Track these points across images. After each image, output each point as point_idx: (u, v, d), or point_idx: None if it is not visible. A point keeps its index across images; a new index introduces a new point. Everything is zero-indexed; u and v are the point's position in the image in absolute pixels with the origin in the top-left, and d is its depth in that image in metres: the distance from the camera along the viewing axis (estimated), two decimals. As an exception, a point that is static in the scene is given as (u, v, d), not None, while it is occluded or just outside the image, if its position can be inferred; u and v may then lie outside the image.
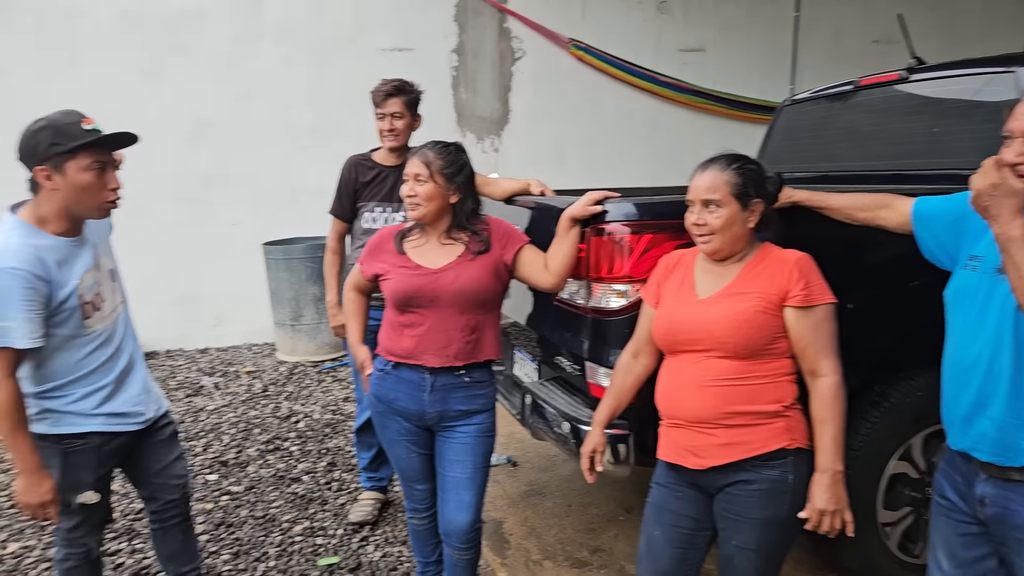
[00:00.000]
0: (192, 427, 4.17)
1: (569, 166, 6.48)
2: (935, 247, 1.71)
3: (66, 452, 1.94)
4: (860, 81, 3.39)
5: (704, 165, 1.79)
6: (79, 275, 1.89)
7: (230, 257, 5.77)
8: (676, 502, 1.84)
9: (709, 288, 1.78)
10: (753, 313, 1.68)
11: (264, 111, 5.80)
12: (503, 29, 6.34)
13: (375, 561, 2.79)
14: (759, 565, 1.76)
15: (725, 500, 1.75)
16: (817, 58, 7.11)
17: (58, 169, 1.81)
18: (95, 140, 1.82)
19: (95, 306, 1.93)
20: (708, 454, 1.72)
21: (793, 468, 1.69)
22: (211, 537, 2.97)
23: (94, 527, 2.08)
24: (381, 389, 2.19)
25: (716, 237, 1.75)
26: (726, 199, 1.72)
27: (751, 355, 1.69)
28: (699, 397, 1.72)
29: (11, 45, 5.24)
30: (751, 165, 1.78)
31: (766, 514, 1.70)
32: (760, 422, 1.69)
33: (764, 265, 1.75)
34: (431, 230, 2.15)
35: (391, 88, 2.83)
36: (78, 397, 1.92)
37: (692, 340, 1.75)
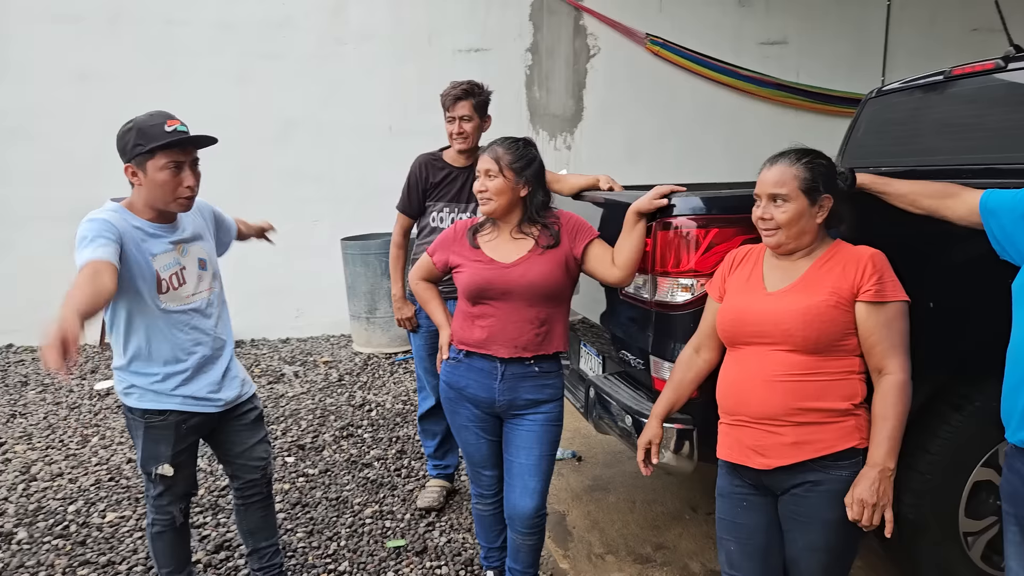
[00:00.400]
0: (273, 412, 4.38)
1: (642, 163, 6.42)
2: (1003, 240, 1.65)
3: (147, 426, 2.12)
4: (952, 71, 3.22)
5: (773, 159, 1.77)
6: (156, 253, 2.05)
7: (311, 252, 6.01)
8: (744, 514, 1.80)
9: (778, 282, 1.75)
10: (825, 307, 1.64)
11: (345, 112, 6.02)
12: (578, 26, 6.34)
13: (440, 546, 2.87)
14: (827, 566, 1.72)
15: (792, 502, 1.71)
16: (910, 48, 6.79)
17: (141, 167, 1.99)
18: (171, 142, 1.97)
19: (171, 285, 2.08)
20: (775, 454, 1.68)
21: (864, 468, 1.65)
22: (288, 515, 3.12)
23: (177, 497, 2.23)
24: (452, 376, 2.25)
25: (781, 232, 1.72)
26: (794, 194, 1.70)
27: (820, 350, 1.65)
28: (766, 392, 1.68)
29: (118, 54, 5.64)
30: (821, 160, 1.74)
31: (836, 515, 1.65)
32: (830, 420, 1.65)
33: (835, 260, 1.71)
34: (503, 224, 2.20)
35: (460, 92, 2.87)
36: (159, 378, 2.09)
37: (759, 333, 1.71)
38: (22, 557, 2.81)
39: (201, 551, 2.83)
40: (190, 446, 2.20)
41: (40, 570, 2.72)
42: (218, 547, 2.86)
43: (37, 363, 5.48)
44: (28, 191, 5.67)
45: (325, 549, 2.87)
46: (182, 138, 1.99)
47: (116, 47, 5.64)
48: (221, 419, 2.24)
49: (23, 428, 4.18)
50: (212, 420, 2.20)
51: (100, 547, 2.88)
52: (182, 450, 2.17)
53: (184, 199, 2.06)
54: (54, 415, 4.39)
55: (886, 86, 3.76)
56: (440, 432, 3.16)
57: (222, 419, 2.24)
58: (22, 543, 2.91)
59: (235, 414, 2.26)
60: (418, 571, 2.71)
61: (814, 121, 6.74)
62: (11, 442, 3.97)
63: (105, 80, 5.53)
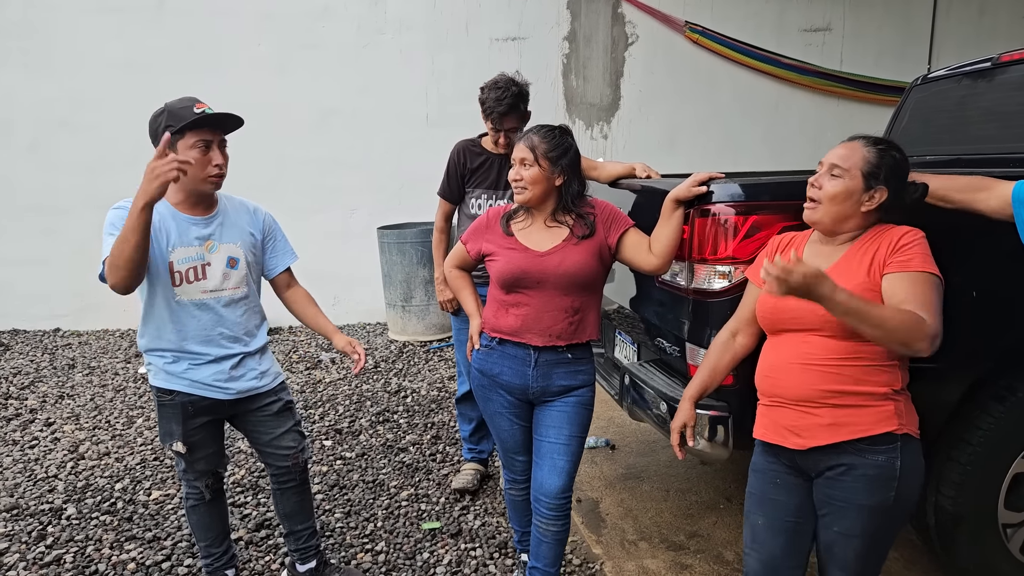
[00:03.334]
0: (311, 397, 4.47)
1: (681, 153, 6.36)
2: None
3: (159, 403, 2.22)
4: (1000, 57, 3.13)
5: (852, 137, 1.75)
6: (176, 245, 2.11)
7: (348, 240, 6.10)
8: (776, 490, 1.79)
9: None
10: (861, 291, 1.60)
11: (382, 102, 6.08)
12: (616, 14, 6.29)
13: (474, 529, 2.90)
14: (862, 553, 1.69)
15: (827, 485, 1.69)
16: (959, 36, 6.61)
17: (172, 148, 2.03)
18: (199, 120, 2.03)
19: (187, 279, 2.14)
20: (811, 434, 1.67)
21: (900, 454, 1.62)
22: (326, 497, 3.19)
23: (199, 474, 2.31)
24: (486, 364, 2.26)
25: (822, 207, 1.70)
26: (853, 171, 1.67)
27: (855, 334, 1.61)
28: (803, 375, 1.67)
29: (161, 44, 5.77)
30: (895, 154, 1.70)
31: (872, 501, 1.63)
32: (868, 403, 1.62)
33: (873, 242, 1.68)
34: (537, 213, 2.19)
35: (505, 107, 2.76)
36: (170, 360, 2.18)
37: (797, 319, 1.70)
38: (71, 532, 2.92)
39: (243, 529, 2.91)
40: (205, 427, 2.25)
41: (88, 544, 2.83)
42: (259, 525, 2.94)
43: (84, 347, 5.67)
44: (75, 179, 5.85)
45: (362, 529, 2.93)
46: (210, 114, 2.05)
47: (160, 37, 5.77)
48: (241, 407, 2.28)
49: (71, 409, 4.33)
50: (223, 406, 2.23)
51: (146, 523, 2.98)
52: (194, 430, 2.22)
53: (214, 177, 2.11)
54: (100, 397, 4.54)
55: (932, 73, 3.66)
56: (476, 417, 3.19)
57: (242, 408, 2.28)
58: (71, 518, 3.03)
59: (257, 404, 2.29)
60: (453, 552, 2.74)
61: (858, 110, 6.61)
62: (60, 422, 4.12)
63: (149, 70, 5.67)
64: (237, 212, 2.28)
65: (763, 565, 1.83)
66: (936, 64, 6.48)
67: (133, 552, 2.76)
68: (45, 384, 4.79)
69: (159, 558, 2.71)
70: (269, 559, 2.72)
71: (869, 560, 1.71)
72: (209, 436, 2.29)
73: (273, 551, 2.77)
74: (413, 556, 2.73)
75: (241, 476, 3.38)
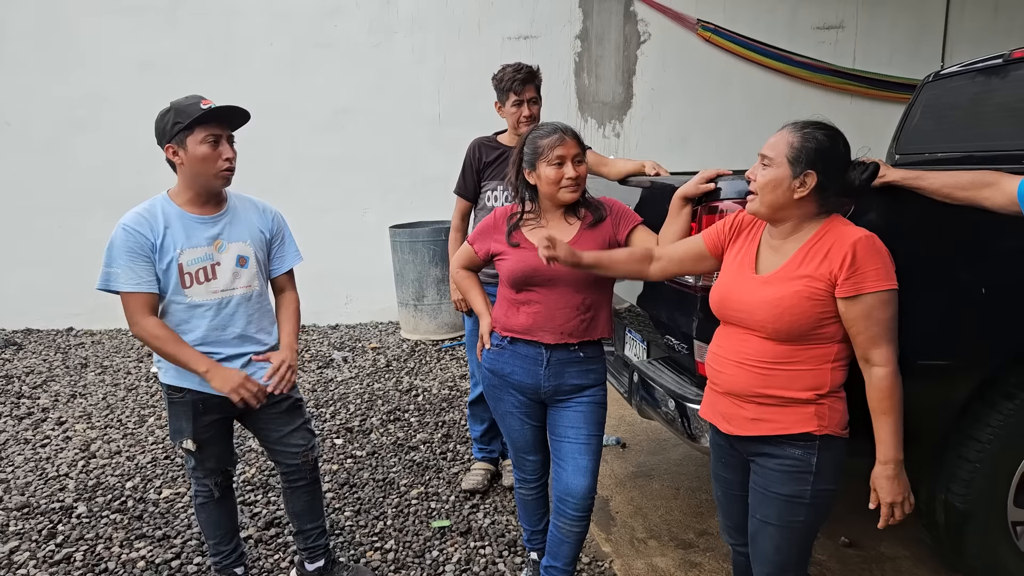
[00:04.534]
0: (322, 396, 4.48)
1: (692, 151, 6.34)
2: None
3: (170, 401, 2.23)
4: (1012, 54, 3.11)
5: (787, 123, 1.70)
6: (184, 246, 2.12)
7: (360, 239, 6.12)
8: (723, 467, 1.91)
9: (768, 265, 1.73)
10: (798, 299, 1.61)
11: (395, 101, 6.09)
12: (628, 12, 6.27)
13: (484, 527, 2.90)
14: (780, 544, 1.73)
15: (754, 471, 1.77)
16: (973, 33, 6.54)
17: (181, 145, 2.06)
18: (207, 114, 2.04)
19: (197, 280, 2.15)
20: (737, 424, 1.75)
21: (818, 451, 1.66)
22: (336, 495, 3.20)
23: (208, 471, 2.31)
24: (496, 363, 2.24)
25: (756, 198, 1.69)
26: (779, 160, 1.64)
27: (794, 339, 1.64)
28: (736, 372, 1.73)
29: (177, 44, 5.82)
30: (820, 134, 1.63)
31: (787, 491, 1.68)
32: (790, 405, 1.66)
33: (823, 242, 1.64)
34: (548, 211, 2.18)
35: (526, 74, 2.85)
36: None
37: (739, 319, 1.74)
38: (82, 530, 2.94)
39: (252, 527, 2.92)
40: (215, 425, 2.26)
41: (99, 543, 2.85)
42: (268, 524, 2.95)
43: (97, 346, 5.72)
44: (94, 179, 5.91)
45: (372, 528, 2.93)
46: (217, 108, 2.06)
47: (174, 38, 5.82)
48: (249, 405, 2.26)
49: (83, 408, 4.37)
50: (233, 405, 2.20)
51: (156, 521, 3.00)
52: (204, 427, 2.23)
53: (225, 172, 2.12)
54: (112, 396, 4.58)
55: (944, 70, 3.64)
56: (488, 419, 3.19)
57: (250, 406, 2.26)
58: (82, 517, 3.05)
59: (267, 402, 2.27)
60: (462, 551, 2.74)
61: (870, 107, 6.55)
62: (72, 420, 4.16)
63: (165, 70, 5.72)
64: (246, 210, 2.28)
65: (733, 528, 1.97)
66: (950, 62, 6.40)
67: (143, 550, 2.78)
68: (57, 383, 4.84)
69: (168, 556, 2.73)
70: (278, 557, 2.73)
71: (789, 554, 1.74)
72: (219, 434, 2.30)
73: (282, 549, 2.78)
74: (422, 554, 2.73)
75: (252, 474, 3.40)
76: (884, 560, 2.60)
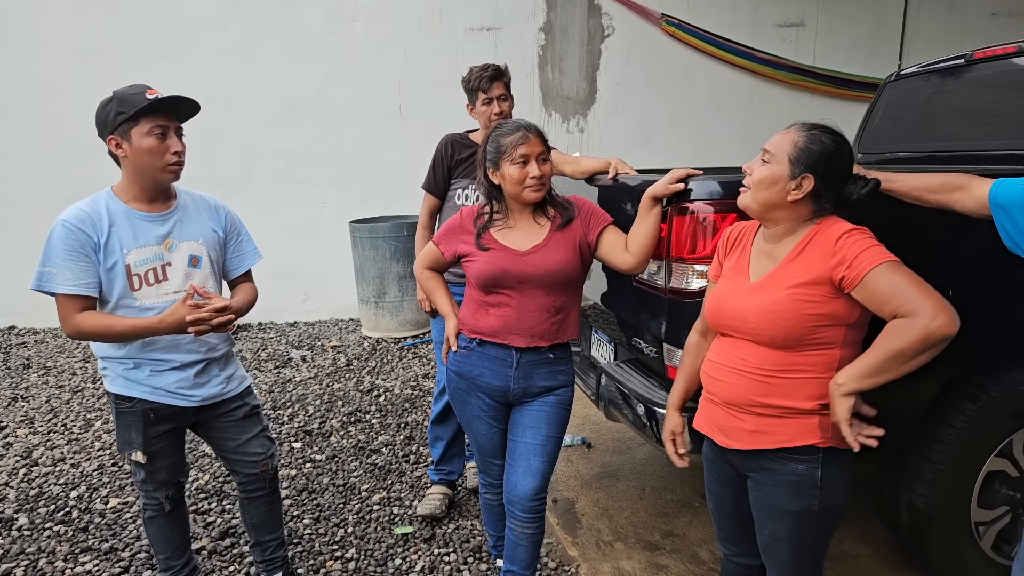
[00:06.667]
0: (280, 397, 4.35)
1: (656, 146, 6.34)
2: (1016, 236, 1.55)
3: (118, 411, 2.10)
4: (973, 55, 3.13)
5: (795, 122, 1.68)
6: (131, 246, 1.99)
7: (319, 235, 5.97)
8: (716, 484, 1.84)
9: (760, 270, 1.68)
10: (790, 303, 1.56)
11: (354, 91, 5.94)
12: (593, 6, 6.23)
13: (448, 533, 2.83)
14: (795, 556, 1.69)
15: (754, 487, 1.70)
16: (929, 33, 6.68)
17: (125, 136, 1.93)
18: (153, 105, 1.91)
19: (146, 281, 2.02)
20: (735, 437, 1.68)
21: (822, 465, 1.60)
22: (294, 502, 3.09)
23: (159, 484, 2.19)
24: (464, 366, 2.17)
25: (749, 193, 1.65)
26: (780, 156, 1.60)
27: (791, 346, 1.58)
28: (734, 381, 1.66)
29: (120, 30, 5.57)
30: (828, 139, 1.60)
31: (794, 507, 1.62)
32: (791, 416, 1.60)
33: (813, 243, 1.60)
34: (516, 211, 2.12)
35: (493, 72, 2.81)
36: (131, 366, 2.05)
37: (733, 327, 1.68)
38: (22, 544, 2.78)
39: (206, 537, 2.80)
40: (167, 435, 2.14)
41: (41, 557, 2.70)
42: (223, 534, 2.83)
43: (40, 345, 5.47)
44: (29, 170, 5.63)
45: (332, 536, 2.83)
46: (164, 98, 1.94)
47: (119, 21, 5.56)
48: (205, 414, 2.17)
49: (25, 412, 4.16)
50: (187, 414, 2.12)
51: (102, 533, 2.86)
52: (155, 438, 2.11)
53: (172, 166, 1.99)
54: (57, 399, 4.37)
55: (905, 70, 3.66)
56: (449, 438, 3.01)
57: (206, 414, 2.17)
58: (23, 529, 2.89)
59: (222, 410, 2.18)
60: (426, 558, 2.67)
61: (830, 105, 6.64)
62: (12, 426, 3.95)
63: (108, 56, 5.46)
64: (198, 208, 2.16)
65: (728, 540, 1.91)
66: (907, 60, 6.53)
67: (88, 564, 2.63)
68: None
69: (116, 571, 2.59)
70: (233, 569, 2.62)
71: (803, 564, 1.70)
72: (171, 444, 2.18)
73: (238, 560, 2.67)
74: (385, 563, 2.65)
75: (206, 481, 3.27)
76: (846, 558, 2.61)
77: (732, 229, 1.85)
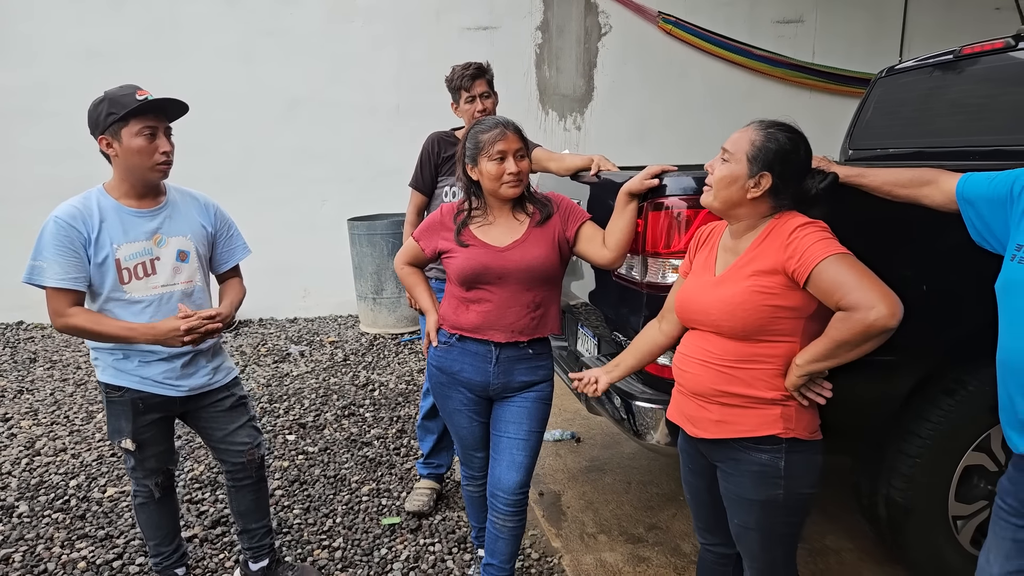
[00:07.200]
0: (277, 391, 4.41)
1: (653, 144, 6.36)
2: (983, 230, 1.57)
3: (108, 400, 2.16)
4: (962, 50, 3.14)
5: (753, 120, 1.69)
6: (121, 241, 2.05)
7: (318, 232, 6.03)
8: (690, 473, 1.89)
9: (724, 266, 1.72)
10: (747, 294, 1.59)
11: (351, 91, 6.00)
12: (589, 4, 6.25)
13: (435, 523, 2.88)
14: (765, 545, 1.73)
15: (723, 477, 1.74)
16: (930, 28, 6.65)
17: (116, 137, 2.00)
18: (143, 106, 1.98)
19: (136, 275, 2.08)
20: (701, 427, 1.73)
21: (785, 455, 1.62)
22: (285, 492, 3.15)
23: (149, 472, 2.26)
24: (444, 361, 2.22)
25: (711, 192, 1.68)
26: (739, 155, 1.62)
27: (750, 336, 1.61)
28: (700, 371, 1.70)
29: (122, 31, 5.65)
30: (784, 136, 1.61)
31: (759, 496, 1.65)
32: (754, 406, 1.63)
33: (771, 237, 1.62)
34: (496, 208, 2.15)
35: (474, 70, 2.85)
36: (121, 356, 2.12)
37: (697, 320, 1.73)
38: (22, 530, 2.86)
39: (198, 526, 2.86)
40: (155, 424, 2.20)
41: (39, 543, 2.77)
42: (215, 522, 2.90)
43: (47, 339, 5.56)
44: (36, 169, 5.72)
45: (321, 526, 2.89)
46: (154, 100, 2.00)
47: (121, 24, 5.64)
48: (192, 404, 2.23)
49: (30, 404, 4.25)
50: (175, 403, 2.18)
51: (99, 521, 2.93)
52: (144, 427, 2.18)
53: (161, 165, 2.06)
54: (61, 391, 4.46)
55: (896, 66, 3.67)
56: (439, 431, 3.05)
57: (193, 404, 2.23)
58: (23, 516, 2.97)
59: (209, 400, 2.25)
60: (412, 548, 2.72)
61: (829, 102, 6.63)
62: (17, 417, 4.04)
63: (110, 58, 5.54)
64: (186, 204, 2.22)
65: (704, 529, 1.94)
66: (907, 56, 6.51)
67: (84, 551, 2.71)
68: (4, 378, 4.69)
69: (110, 557, 2.66)
70: (223, 557, 2.68)
71: (774, 553, 1.73)
72: (160, 433, 2.24)
73: (228, 548, 2.73)
74: (371, 552, 2.71)
75: (200, 472, 3.33)
76: (828, 553, 2.64)
77: (704, 228, 1.90)
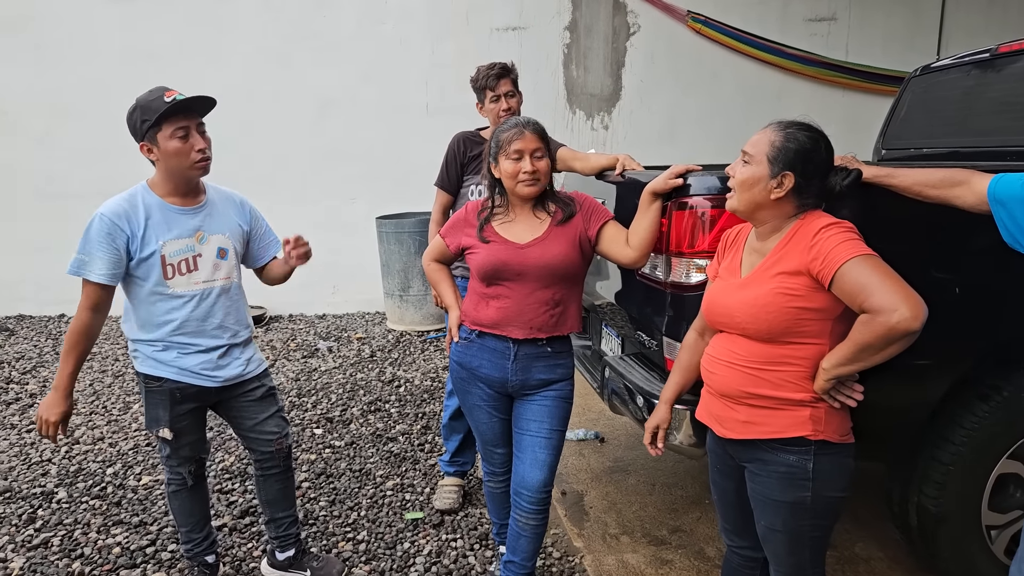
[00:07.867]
0: (305, 385, 4.49)
1: (682, 144, 6.31)
2: (1015, 231, 1.53)
3: (147, 390, 2.24)
4: (999, 48, 3.08)
5: (773, 121, 1.69)
6: (165, 238, 2.12)
7: (348, 230, 6.11)
8: (718, 474, 1.87)
9: (749, 268, 1.71)
10: (771, 296, 1.58)
11: (383, 91, 6.08)
12: (618, 4, 6.23)
13: (457, 520, 2.91)
14: (792, 548, 1.71)
15: (750, 478, 1.72)
16: (969, 25, 6.49)
17: (153, 142, 2.07)
18: (171, 108, 2.03)
19: (179, 271, 2.16)
20: (730, 427, 1.72)
21: (813, 457, 1.61)
22: (312, 484, 3.21)
23: (183, 460, 2.33)
24: (465, 356, 2.25)
25: (735, 195, 1.68)
26: (759, 157, 1.62)
27: (776, 339, 1.60)
28: (728, 373, 1.70)
29: (163, 31, 5.80)
30: (804, 135, 1.61)
31: (787, 498, 1.64)
32: (782, 407, 1.62)
33: (796, 238, 1.61)
34: (518, 205, 2.18)
35: (499, 70, 2.88)
36: (160, 348, 2.19)
37: (723, 323, 1.73)
38: (60, 515, 2.96)
39: (228, 515, 2.93)
40: (191, 414, 2.27)
41: (76, 528, 2.86)
42: (244, 512, 2.97)
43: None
44: (84, 167, 5.90)
45: (346, 518, 2.94)
46: (181, 100, 2.05)
47: (165, 27, 5.81)
48: (226, 394, 2.30)
49: (70, 394, 4.37)
50: (210, 393, 2.26)
51: (134, 508, 3.02)
52: (181, 416, 2.24)
53: (200, 162, 2.12)
54: (100, 382, 4.59)
55: (931, 64, 3.61)
56: (463, 430, 3.05)
57: (226, 394, 2.30)
58: (61, 502, 3.07)
59: (241, 390, 2.32)
60: (434, 543, 2.75)
61: (863, 101, 6.51)
62: (58, 407, 4.16)
63: (154, 59, 5.70)
64: (224, 203, 2.30)
65: (731, 531, 1.93)
66: (945, 54, 6.38)
67: (119, 536, 2.79)
68: (47, 369, 4.84)
69: (144, 543, 2.74)
70: (252, 546, 2.75)
71: (801, 556, 1.71)
72: (194, 423, 2.31)
73: (256, 538, 2.80)
74: (394, 546, 2.75)
75: (231, 463, 3.41)
76: (858, 561, 2.60)
77: (731, 231, 1.89)
